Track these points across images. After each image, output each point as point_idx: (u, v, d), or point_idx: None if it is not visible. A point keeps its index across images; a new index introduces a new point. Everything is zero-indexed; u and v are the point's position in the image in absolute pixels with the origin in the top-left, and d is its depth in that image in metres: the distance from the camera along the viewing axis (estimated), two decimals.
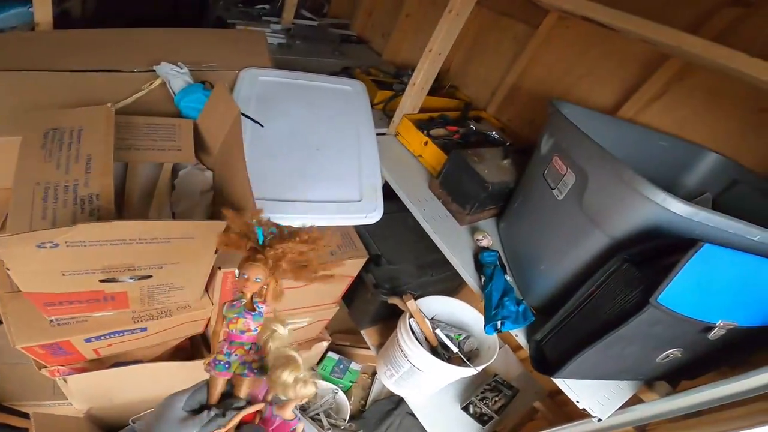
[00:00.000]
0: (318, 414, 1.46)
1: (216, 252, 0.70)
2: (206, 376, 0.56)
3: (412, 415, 1.39)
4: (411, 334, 1.01)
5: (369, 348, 1.32)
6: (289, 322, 0.60)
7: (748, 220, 0.55)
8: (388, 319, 1.19)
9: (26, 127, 0.69)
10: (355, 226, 1.06)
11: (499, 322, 0.74)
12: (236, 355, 0.54)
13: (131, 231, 0.58)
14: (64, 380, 0.85)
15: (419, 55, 1.00)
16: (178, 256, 0.66)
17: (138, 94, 0.87)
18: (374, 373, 1.61)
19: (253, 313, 0.55)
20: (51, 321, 0.74)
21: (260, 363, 0.56)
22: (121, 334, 0.84)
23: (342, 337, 1.55)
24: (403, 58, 1.55)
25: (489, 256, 0.83)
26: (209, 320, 0.98)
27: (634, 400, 0.74)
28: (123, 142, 0.77)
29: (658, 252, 0.58)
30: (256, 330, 0.56)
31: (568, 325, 0.68)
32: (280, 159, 0.89)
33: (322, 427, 1.47)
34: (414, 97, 1.03)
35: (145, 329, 0.85)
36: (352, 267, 1.02)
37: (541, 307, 0.78)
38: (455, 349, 1.02)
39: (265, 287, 0.57)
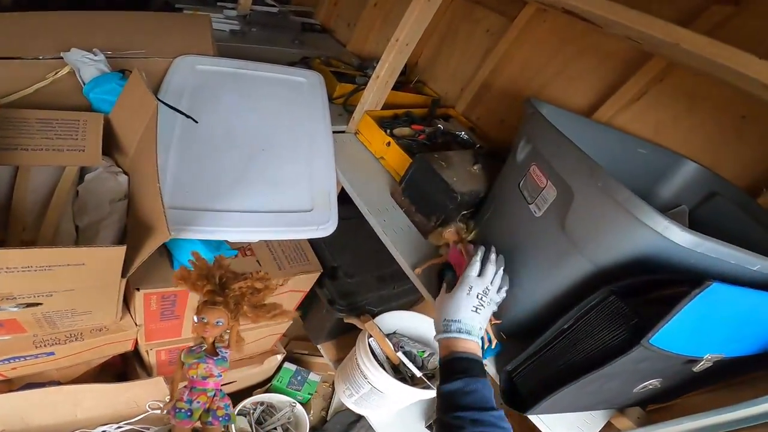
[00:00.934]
0: (275, 428, 1.32)
1: (123, 276, 0.54)
2: (134, 403, 0.48)
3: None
4: (371, 354, 0.88)
5: (329, 363, 1.20)
6: None
7: (725, 235, 0.46)
8: (348, 332, 1.06)
9: None
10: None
11: None
12: (198, 402, 0.52)
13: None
14: None
15: (385, 46, 0.86)
16: (69, 283, 0.51)
17: (38, 84, 0.69)
18: (334, 382, 1.49)
19: (215, 358, 0.54)
20: None
21: (226, 411, 0.55)
22: (23, 359, 0.69)
23: (300, 345, 1.42)
24: (369, 50, 1.40)
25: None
26: (136, 340, 0.82)
27: (608, 428, 0.68)
28: (9, 141, 0.60)
29: (649, 283, 0.48)
30: (220, 375, 0.56)
31: (544, 358, 0.58)
32: (216, 161, 0.73)
33: None
34: (377, 91, 0.89)
35: (52, 353, 0.71)
36: (303, 282, 0.88)
37: (512, 333, 0.67)
38: (418, 374, 0.90)
39: (226, 332, 0.56)
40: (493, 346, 0.64)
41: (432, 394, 0.88)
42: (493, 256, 0.60)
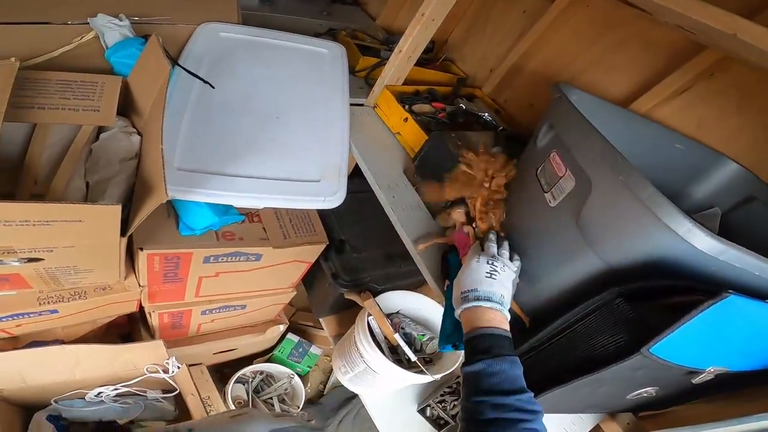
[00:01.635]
0: (271, 398, 1.36)
1: (123, 235, 0.55)
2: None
3: None
4: (368, 334, 0.88)
5: (328, 338, 1.21)
6: None
7: (757, 243, 0.43)
8: (351, 308, 1.05)
9: None
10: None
11: (457, 342, 0.58)
12: None
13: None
14: None
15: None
16: (67, 240, 0.52)
17: (64, 48, 0.71)
18: None
19: None
20: None
21: None
22: (27, 316, 0.72)
23: (305, 316, 1.42)
24: (399, 25, 1.35)
25: (457, 258, 0.68)
26: (140, 301, 0.84)
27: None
28: (29, 100, 0.61)
29: (661, 290, 0.45)
30: None
31: (542, 355, 0.56)
32: (229, 127, 0.73)
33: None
34: (399, 66, 0.86)
35: (56, 311, 0.73)
36: (309, 253, 0.88)
37: (513, 324, 0.65)
38: (413, 357, 0.90)
39: None
40: None
41: (425, 379, 0.87)
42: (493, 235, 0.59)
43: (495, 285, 0.51)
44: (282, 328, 1.24)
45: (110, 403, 1.07)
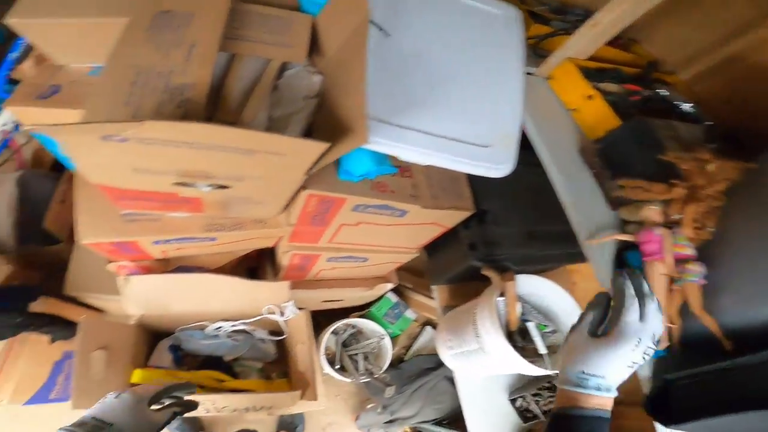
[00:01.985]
0: (357, 355, 1.38)
1: (307, 173, 0.56)
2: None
3: (449, 380, 1.27)
4: (496, 316, 0.83)
5: (431, 298, 1.17)
6: None
7: None
8: (467, 281, 1.01)
9: (136, 7, 0.58)
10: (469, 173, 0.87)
11: None
12: None
13: (208, 134, 0.46)
14: (126, 280, 0.82)
15: None
16: (261, 171, 0.54)
17: None
18: (424, 323, 1.48)
19: None
20: (123, 215, 0.68)
21: None
22: (191, 241, 0.78)
23: (407, 277, 1.38)
24: None
25: (638, 258, 0.60)
26: (281, 238, 0.88)
27: None
28: (233, 31, 0.63)
29: None
30: None
31: (723, 380, 0.50)
32: (402, 78, 0.70)
33: (356, 368, 1.40)
34: (591, 40, 0.75)
35: (214, 239, 0.78)
36: (451, 218, 0.85)
37: (690, 342, 0.56)
38: (543, 351, 0.83)
39: None
40: (661, 348, 0.57)
41: (539, 371, 0.80)
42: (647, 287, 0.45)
43: (626, 375, 0.43)
44: (390, 286, 1.25)
45: (224, 338, 1.17)
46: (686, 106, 0.78)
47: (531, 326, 0.83)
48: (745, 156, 0.56)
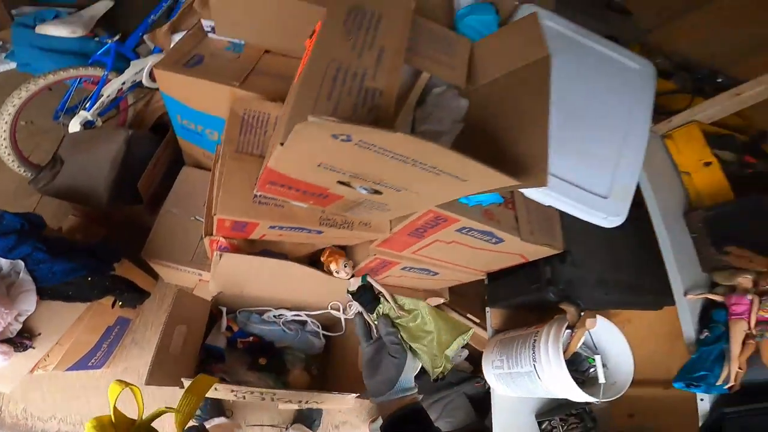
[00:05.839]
0: None
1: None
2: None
3: (469, 396, 1.36)
4: (560, 346, 0.89)
5: (471, 319, 1.23)
6: None
7: None
8: (520, 310, 1.10)
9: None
10: (562, 213, 0.94)
11: (694, 383, 0.74)
12: None
13: (427, 155, 0.50)
14: (220, 256, 0.89)
15: (721, 53, 0.77)
16: (428, 188, 0.60)
17: None
18: None
19: None
20: (255, 196, 0.77)
21: None
22: (300, 230, 0.85)
23: (454, 299, 1.45)
24: (683, 48, 1.25)
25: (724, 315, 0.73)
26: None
27: None
28: (411, 44, 0.71)
29: None
30: None
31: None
32: None
33: None
34: (726, 107, 0.82)
35: (321, 232, 0.85)
36: (539, 252, 0.92)
37: (750, 386, 0.71)
38: (602, 380, 0.90)
39: None
40: (726, 387, 0.71)
41: (587, 399, 0.87)
42: None
43: None
44: (441, 300, 1.32)
45: (279, 326, 1.24)
46: None
47: (598, 360, 0.89)
48: None
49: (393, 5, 0.67)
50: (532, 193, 0.74)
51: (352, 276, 0.59)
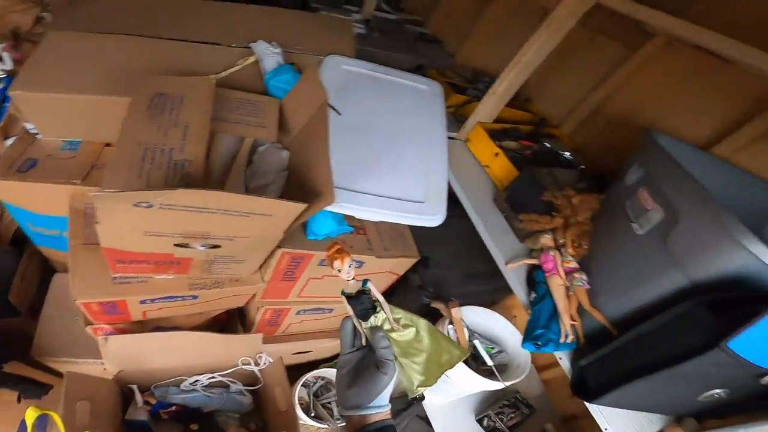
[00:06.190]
0: (330, 403, 1.48)
1: (285, 231, 0.73)
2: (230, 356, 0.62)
3: (422, 418, 1.41)
4: None
5: None
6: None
7: None
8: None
9: (136, 89, 0.74)
10: (411, 226, 1.07)
11: (539, 342, 0.76)
12: None
13: (222, 201, 0.61)
14: (105, 340, 0.90)
15: (496, 62, 1.00)
16: (250, 231, 0.69)
17: (232, 69, 0.91)
18: None
19: None
20: (114, 278, 0.79)
21: None
22: (174, 299, 0.88)
23: None
24: (477, 63, 1.53)
25: (542, 275, 0.82)
26: (254, 296, 1.01)
27: None
28: (215, 113, 0.81)
29: (736, 300, 0.56)
30: None
31: (620, 355, 0.68)
32: (353, 149, 0.91)
33: (331, 416, 1.50)
34: (492, 105, 1.03)
35: (196, 297, 0.89)
36: (401, 265, 1.03)
37: (591, 336, 0.77)
38: (490, 362, 1.02)
39: None
40: (569, 341, 0.75)
41: (495, 385, 0.98)
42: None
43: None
44: None
45: (200, 392, 1.23)
46: (567, 155, 1.06)
47: (477, 343, 1.01)
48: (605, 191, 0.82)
49: (194, 86, 0.77)
50: (363, 214, 0.85)
51: (353, 279, 0.58)
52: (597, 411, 0.71)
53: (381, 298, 0.56)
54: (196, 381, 1.23)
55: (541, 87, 1.32)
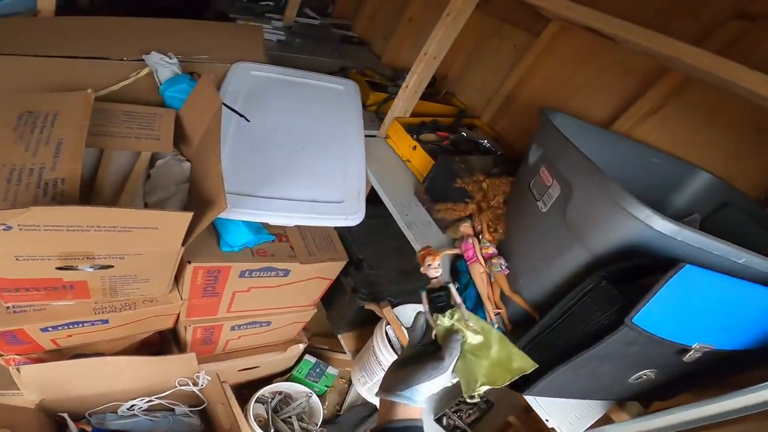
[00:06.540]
0: (290, 417, 1.42)
1: (183, 244, 0.68)
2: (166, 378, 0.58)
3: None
4: (387, 342, 0.98)
5: (347, 353, 1.29)
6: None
7: (735, 242, 0.52)
8: (367, 325, 1.17)
9: (2, 109, 0.68)
10: (338, 229, 1.04)
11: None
12: None
13: (87, 217, 0.56)
14: (17, 370, 0.83)
15: (414, 57, 0.98)
16: (140, 247, 0.64)
17: (124, 82, 0.86)
18: (351, 379, 1.58)
19: None
20: (8, 308, 0.72)
21: None
22: (81, 325, 0.82)
23: (321, 341, 1.53)
24: (403, 61, 1.53)
25: (464, 264, 0.80)
26: (179, 315, 0.95)
27: (605, 420, 0.73)
28: (99, 128, 0.75)
29: (639, 271, 0.56)
30: None
31: (542, 342, 0.66)
32: (263, 155, 0.87)
33: (293, 430, 1.44)
34: (406, 100, 1.01)
35: (106, 321, 0.83)
36: (331, 269, 1.00)
37: (518, 321, 0.75)
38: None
39: None
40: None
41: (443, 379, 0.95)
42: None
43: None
44: (302, 346, 1.33)
45: (141, 416, 1.15)
46: (485, 143, 1.06)
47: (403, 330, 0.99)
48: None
49: (69, 102, 0.70)
50: (275, 220, 0.81)
51: (436, 278, 0.59)
52: (535, 402, 0.69)
53: (459, 300, 0.59)
54: (133, 406, 1.16)
55: (461, 79, 1.33)
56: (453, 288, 0.59)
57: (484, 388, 0.55)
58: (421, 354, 0.56)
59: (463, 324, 0.57)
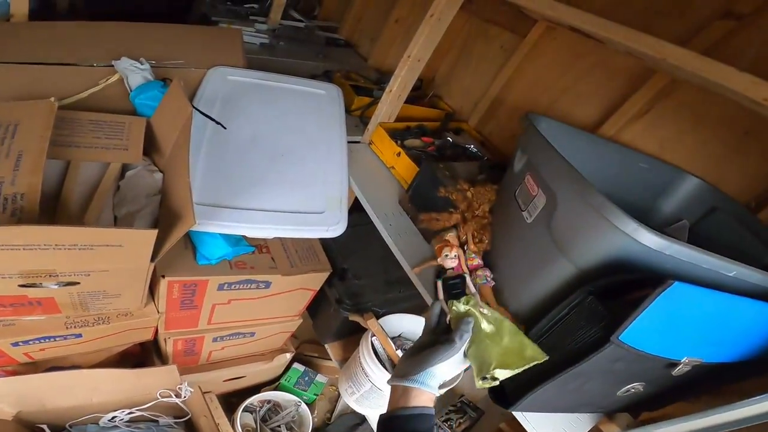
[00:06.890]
0: (279, 426, 1.39)
1: (153, 260, 0.64)
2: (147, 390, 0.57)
3: None
4: (372, 353, 0.95)
5: (334, 363, 1.26)
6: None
7: (724, 249, 0.50)
8: (354, 334, 1.13)
9: None
10: (322, 239, 1.01)
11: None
12: None
13: (45, 236, 0.52)
14: None
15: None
16: (105, 264, 0.60)
17: (92, 89, 0.82)
18: None
19: None
20: None
21: None
22: (53, 340, 0.78)
23: (309, 348, 1.49)
24: (389, 64, 1.49)
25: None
26: (157, 328, 0.91)
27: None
28: (64, 138, 0.71)
29: (626, 286, 0.53)
30: None
31: None
32: (240, 164, 0.83)
33: None
34: (390, 104, 0.98)
35: (80, 335, 0.80)
36: (314, 280, 0.96)
37: None
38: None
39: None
40: None
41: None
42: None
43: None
44: (288, 356, 1.30)
45: (123, 427, 1.12)
46: (472, 147, 1.03)
47: (399, 353, 0.95)
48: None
49: (30, 111, 0.66)
50: (252, 232, 0.77)
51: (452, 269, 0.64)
52: (521, 416, 0.67)
53: (473, 290, 0.62)
54: (114, 417, 1.13)
55: (448, 82, 1.30)
56: (468, 278, 0.63)
57: (498, 371, 0.55)
58: (434, 342, 0.56)
59: (477, 310, 0.59)
